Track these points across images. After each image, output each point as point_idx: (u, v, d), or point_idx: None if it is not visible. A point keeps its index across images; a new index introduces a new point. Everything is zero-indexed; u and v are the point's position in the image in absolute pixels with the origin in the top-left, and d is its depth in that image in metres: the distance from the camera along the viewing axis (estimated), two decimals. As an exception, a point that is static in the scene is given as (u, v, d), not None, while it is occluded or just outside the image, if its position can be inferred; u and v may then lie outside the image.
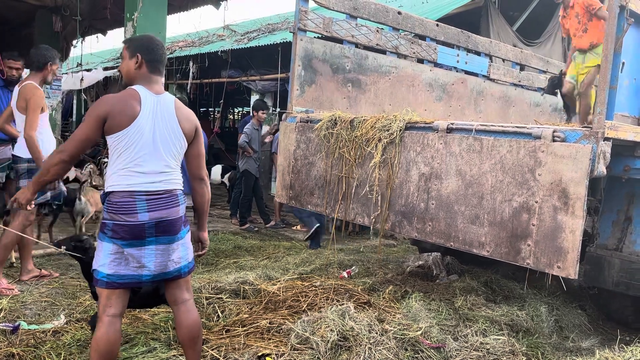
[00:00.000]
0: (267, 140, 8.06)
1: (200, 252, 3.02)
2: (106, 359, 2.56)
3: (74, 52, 8.49)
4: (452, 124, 3.40)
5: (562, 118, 7.69)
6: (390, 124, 3.72)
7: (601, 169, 2.76)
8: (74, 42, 8.12)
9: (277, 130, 7.71)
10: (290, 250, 6.31)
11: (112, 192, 2.56)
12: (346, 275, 4.93)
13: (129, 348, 3.20)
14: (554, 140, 2.85)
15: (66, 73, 6.35)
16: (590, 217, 4.10)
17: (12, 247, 4.43)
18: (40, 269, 4.66)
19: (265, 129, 8.68)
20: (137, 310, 3.87)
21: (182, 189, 2.74)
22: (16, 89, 4.32)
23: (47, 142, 4.39)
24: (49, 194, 4.35)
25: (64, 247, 3.05)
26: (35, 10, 7.76)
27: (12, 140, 4.91)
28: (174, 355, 3.12)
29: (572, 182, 2.75)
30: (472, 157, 3.24)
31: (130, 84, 2.68)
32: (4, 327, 3.39)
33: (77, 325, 3.57)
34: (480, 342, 3.32)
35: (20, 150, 4.33)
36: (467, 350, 3.24)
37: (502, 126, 3.18)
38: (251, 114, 8.18)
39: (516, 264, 3.03)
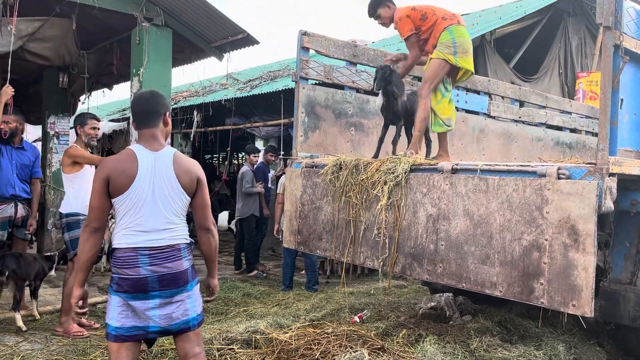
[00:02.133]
0: (257, 190, 7.90)
1: (209, 298, 3.04)
2: None
3: (81, 107, 8.70)
4: (456, 164, 3.43)
5: (565, 152, 7.75)
6: (395, 166, 3.75)
7: (609, 204, 2.76)
8: (81, 97, 8.32)
9: (283, 173, 7.79)
10: (300, 295, 6.26)
11: (117, 248, 2.62)
12: (358, 320, 4.87)
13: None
14: (559, 178, 2.87)
15: (72, 128, 6.47)
16: (601, 251, 4.07)
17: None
18: (80, 317, 4.75)
19: (272, 173, 8.76)
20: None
21: (187, 242, 2.76)
22: None
23: (84, 198, 4.56)
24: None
25: None
26: (43, 69, 7.99)
27: (15, 198, 5.02)
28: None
29: (581, 219, 2.75)
30: (478, 197, 3.26)
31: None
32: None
33: (87, 383, 3.53)
34: (499, 385, 3.25)
35: (62, 206, 4.77)
36: (485, 395, 3.17)
37: (506, 165, 3.21)
38: (244, 157, 8.33)
39: (530, 304, 2.99)
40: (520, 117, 7.07)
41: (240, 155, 21.05)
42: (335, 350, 3.76)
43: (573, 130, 7.81)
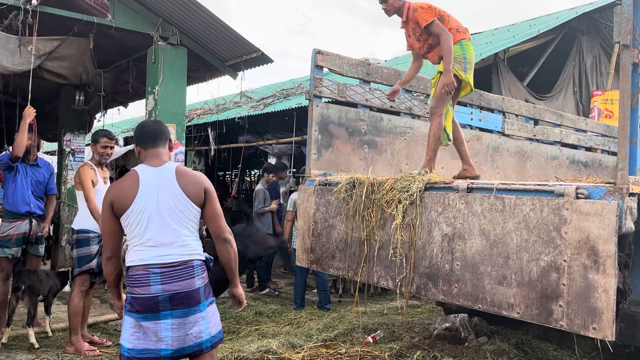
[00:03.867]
0: (268, 209, 7.89)
1: (238, 309, 3.02)
2: None
3: (97, 124, 8.80)
4: (472, 183, 3.40)
5: (580, 171, 7.66)
6: (410, 184, 3.72)
7: (629, 225, 2.70)
8: (97, 115, 8.43)
9: (292, 190, 7.79)
10: (312, 315, 6.20)
11: (130, 267, 2.61)
12: (371, 340, 4.79)
13: None
14: (577, 197, 2.82)
15: (88, 144, 6.55)
16: (620, 272, 3.98)
17: (80, 313, 4.65)
18: (92, 335, 4.90)
19: (282, 189, 8.75)
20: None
21: (202, 258, 2.73)
22: None
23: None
24: (94, 262, 4.55)
25: None
26: (60, 87, 8.12)
27: (30, 214, 5.06)
28: None
29: (601, 239, 2.69)
30: (494, 216, 3.21)
31: None
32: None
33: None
34: (517, 410, 3.17)
35: (75, 222, 4.83)
36: (503, 420, 3.08)
37: (523, 184, 3.16)
38: (262, 175, 8.34)
39: (549, 326, 2.92)
40: (534, 136, 7.01)
41: (252, 173, 21.13)
42: (349, 372, 3.70)
43: (589, 149, 7.73)
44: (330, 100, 5.02)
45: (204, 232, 9.97)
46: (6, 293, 4.95)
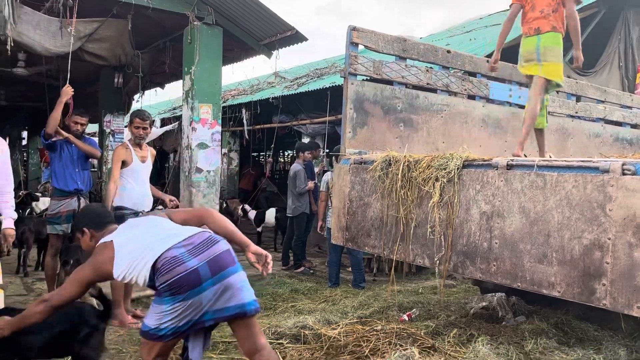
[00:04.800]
0: (308, 188, 7.92)
1: (266, 269, 2.96)
2: None
3: (135, 105, 8.99)
4: (512, 160, 3.33)
5: (625, 149, 7.39)
6: (447, 162, 3.67)
7: (678, 202, 2.60)
8: (135, 96, 8.60)
9: (325, 171, 7.79)
10: (347, 293, 6.24)
11: (153, 265, 2.63)
12: (407, 319, 4.80)
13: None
14: (623, 174, 2.73)
15: (127, 126, 6.78)
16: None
17: (122, 286, 4.78)
18: (135, 309, 5.03)
19: (315, 169, 8.77)
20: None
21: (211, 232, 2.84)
22: None
23: (131, 192, 4.84)
24: None
25: None
26: (99, 69, 8.31)
27: (78, 192, 5.21)
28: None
29: (648, 217, 2.61)
30: (535, 193, 3.14)
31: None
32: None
33: (143, 372, 3.63)
34: (556, 389, 3.13)
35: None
36: (542, 398, 3.06)
37: (565, 161, 3.08)
38: (296, 155, 8.38)
39: (591, 305, 2.87)
40: (576, 113, 6.79)
41: (286, 154, 21.25)
42: (385, 348, 3.72)
43: (634, 126, 7.45)
44: (365, 77, 4.97)
45: (240, 212, 10.13)
46: (55, 268, 5.16)
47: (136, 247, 2.71)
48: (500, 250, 3.32)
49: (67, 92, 5.10)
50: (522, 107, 6.19)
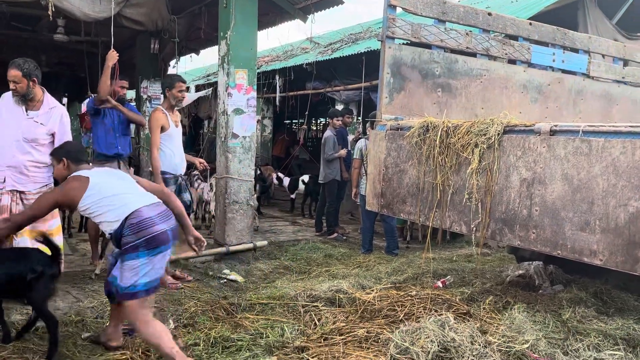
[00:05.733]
0: (338, 155, 7.89)
1: (200, 251, 3.56)
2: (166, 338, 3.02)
3: (171, 71, 9.05)
4: (555, 125, 3.23)
5: (674, 115, 7.06)
6: (487, 128, 3.59)
7: None
8: (171, 62, 8.66)
9: (359, 138, 7.74)
10: (381, 259, 6.28)
11: (127, 217, 3.01)
12: (441, 285, 4.81)
13: (234, 352, 3.32)
14: (676, 139, 2.62)
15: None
16: None
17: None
18: (174, 270, 5.17)
19: (350, 137, 8.72)
20: (239, 317, 4.01)
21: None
22: None
23: (171, 158, 4.93)
24: None
25: None
26: (136, 34, 8.37)
27: (118, 156, 5.34)
28: (275, 361, 3.19)
29: (700, 184, 2.51)
30: (579, 160, 3.06)
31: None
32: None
33: (184, 330, 3.76)
34: (594, 357, 3.11)
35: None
36: (579, 366, 3.04)
37: (613, 126, 2.97)
38: (327, 122, 8.35)
39: (635, 274, 2.80)
40: (623, 78, 6.51)
41: (318, 121, 21.18)
42: (420, 313, 3.75)
43: (684, 92, 7.09)
44: (403, 41, 4.86)
45: (275, 181, 10.23)
46: (97, 229, 5.33)
47: (110, 194, 3.11)
48: (540, 217, 3.26)
49: (113, 56, 5.18)
50: (566, 72, 5.98)
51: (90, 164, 3.45)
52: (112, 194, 3.12)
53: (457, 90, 5.11)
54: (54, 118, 4.00)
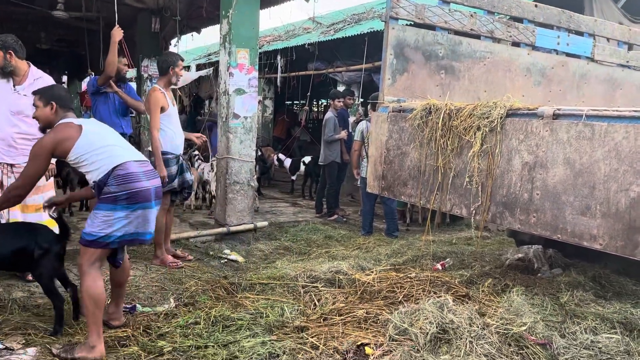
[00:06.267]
0: (338, 137, 7.87)
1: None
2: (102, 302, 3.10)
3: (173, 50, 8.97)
4: (559, 109, 3.22)
5: (678, 100, 7.02)
6: (490, 111, 3.57)
7: None
8: (172, 41, 8.58)
9: (360, 120, 7.70)
10: (380, 241, 6.30)
11: (114, 168, 3.02)
12: (440, 268, 4.84)
13: (234, 331, 3.35)
14: (680, 125, 2.61)
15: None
16: None
17: (163, 229, 4.96)
18: (175, 250, 5.19)
19: (351, 119, 8.68)
20: (240, 297, 4.05)
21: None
22: None
23: (172, 137, 4.88)
24: (175, 182, 4.79)
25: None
26: (137, 12, 8.27)
27: (123, 136, 5.32)
28: (273, 340, 3.22)
29: (703, 170, 2.50)
30: (582, 144, 3.05)
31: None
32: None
33: (184, 309, 3.80)
34: (591, 340, 3.13)
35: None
36: (576, 349, 3.06)
37: (617, 110, 2.96)
38: (329, 103, 8.30)
39: (634, 259, 2.82)
40: (628, 62, 6.46)
41: (320, 102, 21.08)
42: (419, 294, 3.78)
43: (688, 78, 7.04)
44: (407, 22, 4.81)
45: (275, 162, 10.21)
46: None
47: (100, 145, 3.10)
48: (541, 201, 3.26)
49: (119, 32, 5.13)
50: (570, 55, 5.93)
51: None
52: (103, 145, 3.11)
53: (460, 72, 5.07)
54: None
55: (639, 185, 2.77)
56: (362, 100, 10.25)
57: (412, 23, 4.82)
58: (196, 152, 8.27)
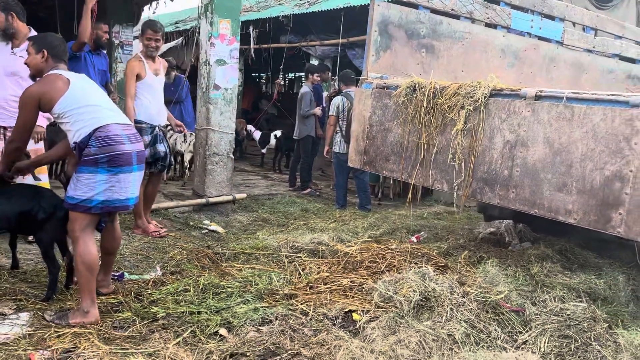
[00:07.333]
0: (314, 112, 7.96)
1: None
2: (96, 267, 3.11)
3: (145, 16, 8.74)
4: (541, 91, 3.39)
5: (636, 86, 7.40)
6: (475, 90, 3.73)
7: None
8: (145, 7, 8.35)
9: (335, 94, 7.76)
10: (356, 214, 6.45)
11: (96, 129, 2.97)
12: (415, 240, 5.04)
13: (225, 298, 3.44)
14: (653, 109, 2.82)
15: (137, 37, 6.69)
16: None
17: (141, 199, 4.78)
18: (152, 220, 5.14)
19: (325, 94, 8.73)
20: (225, 266, 4.13)
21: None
22: None
23: (147, 107, 4.79)
24: (146, 152, 4.72)
25: None
26: (107, -24, 7.98)
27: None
28: (265, 306, 3.33)
29: (673, 151, 2.73)
30: (561, 125, 3.24)
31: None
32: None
33: (172, 277, 3.85)
34: (560, 307, 3.38)
35: None
36: (546, 315, 3.30)
37: (595, 94, 3.15)
38: (305, 77, 8.32)
39: (605, 233, 3.05)
40: (594, 47, 6.75)
41: (287, 76, 20.94)
42: (400, 265, 3.95)
43: (648, 64, 7.42)
44: (391, 0, 4.89)
45: (244, 133, 10.12)
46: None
47: (85, 103, 3.05)
48: (520, 178, 3.46)
49: None
50: (542, 38, 6.15)
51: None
52: (87, 104, 3.05)
53: (440, 52, 5.20)
54: None
55: (613, 165, 2.99)
56: (337, 75, 10.29)
57: (396, 0, 4.91)
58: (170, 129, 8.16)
